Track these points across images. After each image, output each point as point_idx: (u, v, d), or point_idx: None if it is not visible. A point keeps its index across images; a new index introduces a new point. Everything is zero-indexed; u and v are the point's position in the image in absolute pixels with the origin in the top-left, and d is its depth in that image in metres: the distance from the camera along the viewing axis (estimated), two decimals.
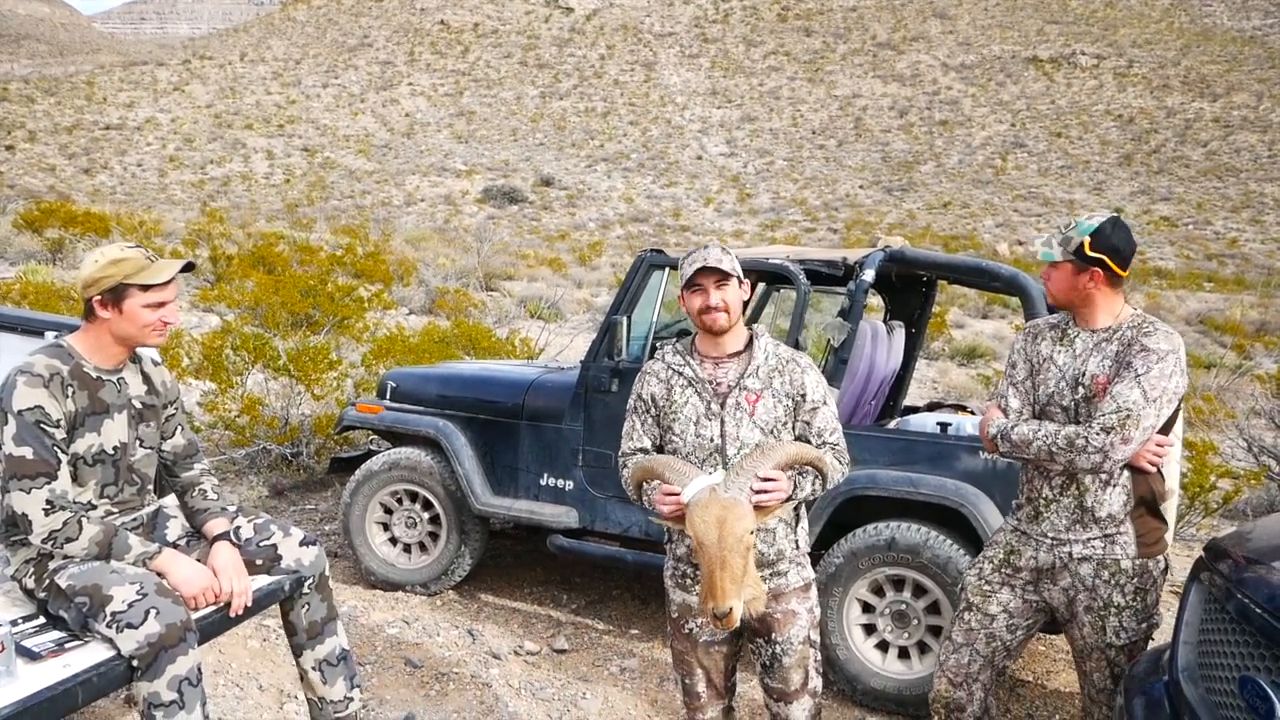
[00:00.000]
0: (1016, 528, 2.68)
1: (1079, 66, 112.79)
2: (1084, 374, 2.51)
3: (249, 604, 2.69)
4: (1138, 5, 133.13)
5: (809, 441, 2.45)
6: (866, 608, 3.82)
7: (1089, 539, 2.51)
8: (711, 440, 2.41)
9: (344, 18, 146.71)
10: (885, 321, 4.77)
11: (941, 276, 4.62)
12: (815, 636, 2.54)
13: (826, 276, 4.25)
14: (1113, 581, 2.50)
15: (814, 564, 3.85)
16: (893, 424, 4.59)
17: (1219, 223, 67.65)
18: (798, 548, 2.53)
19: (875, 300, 5.11)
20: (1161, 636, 2.59)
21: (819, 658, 2.56)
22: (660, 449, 2.52)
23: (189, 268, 2.66)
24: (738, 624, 2.14)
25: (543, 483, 4.44)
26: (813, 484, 2.38)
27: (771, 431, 2.43)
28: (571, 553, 4.34)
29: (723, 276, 2.43)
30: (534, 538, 5.00)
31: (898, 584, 3.75)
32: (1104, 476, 2.49)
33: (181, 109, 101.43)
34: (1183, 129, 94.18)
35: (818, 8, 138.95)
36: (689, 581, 2.50)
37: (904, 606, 3.74)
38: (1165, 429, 2.48)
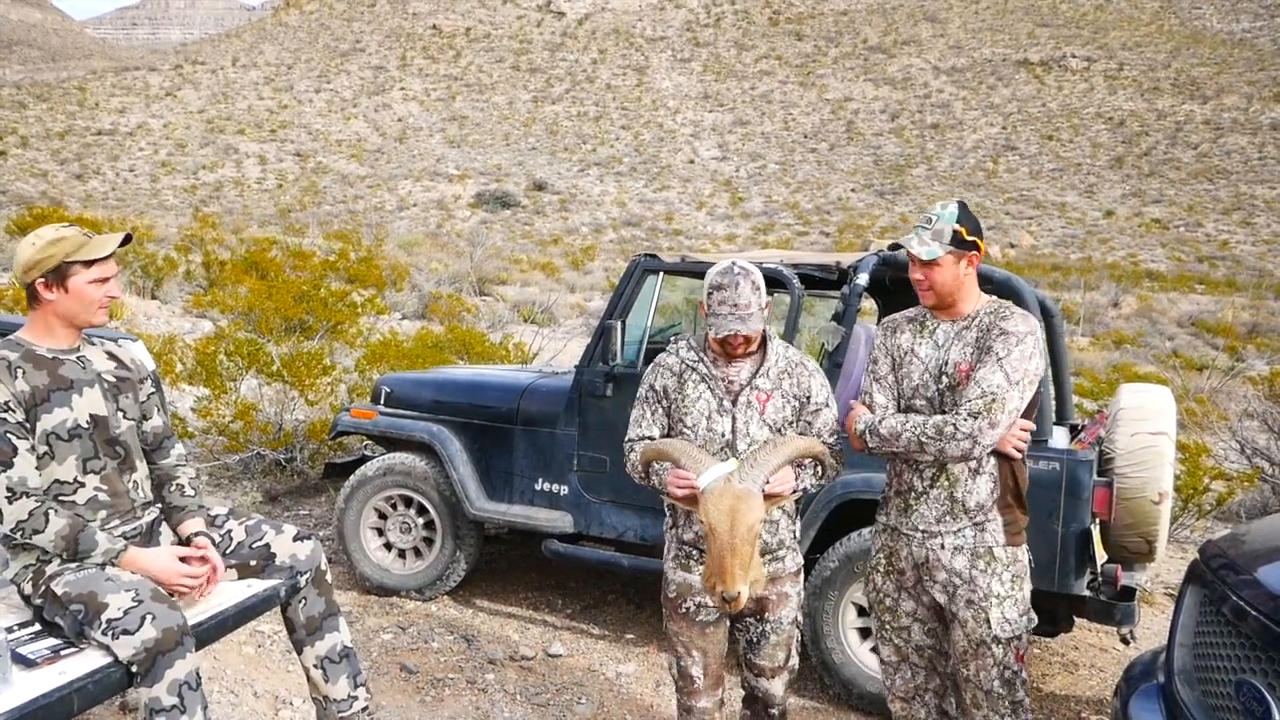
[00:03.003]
0: (886, 524, 2.66)
1: (1069, 69, 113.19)
2: (947, 363, 2.51)
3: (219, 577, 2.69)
4: (1127, 8, 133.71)
5: None
6: (862, 611, 3.81)
7: (959, 529, 2.50)
8: (723, 435, 2.52)
9: (336, 23, 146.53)
10: (879, 325, 4.78)
11: None
12: (801, 618, 2.70)
13: (820, 280, 4.26)
14: (989, 570, 2.48)
15: (809, 568, 3.87)
16: None
17: (1210, 225, 67.94)
18: (794, 535, 2.68)
19: (869, 304, 5.12)
20: (1157, 639, 2.60)
21: (799, 638, 2.71)
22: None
23: (127, 240, 2.66)
24: (743, 607, 2.27)
25: (537, 487, 4.43)
26: (814, 476, 2.53)
27: (779, 430, 2.54)
28: (566, 558, 4.33)
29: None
30: (529, 543, 4.99)
31: None
32: (972, 465, 2.48)
33: (174, 114, 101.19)
34: (1173, 131, 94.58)
35: (809, 11, 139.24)
36: (691, 562, 2.60)
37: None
38: (1027, 413, 2.49)
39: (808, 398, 2.58)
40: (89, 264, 2.52)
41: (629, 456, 2.62)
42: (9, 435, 2.41)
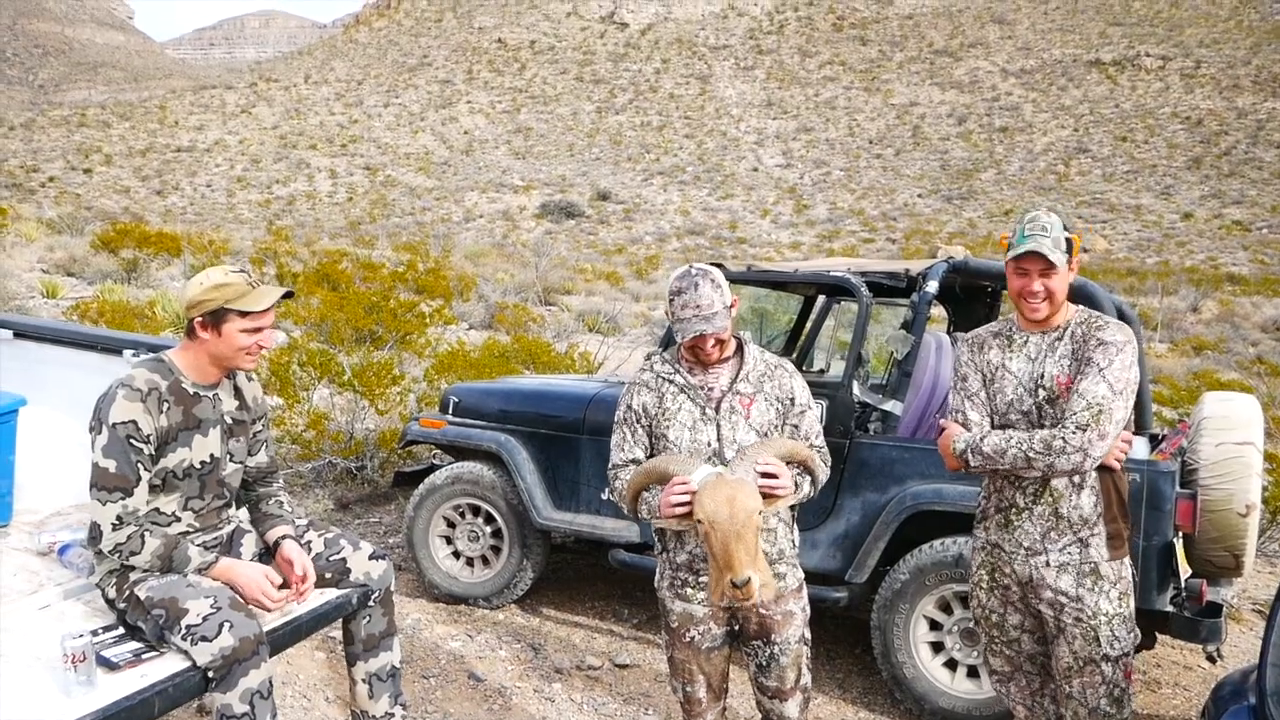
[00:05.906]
0: (987, 541, 2.63)
1: (1144, 68, 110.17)
2: (1043, 376, 2.48)
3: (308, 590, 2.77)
4: (1204, 4, 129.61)
5: None
6: (934, 625, 3.74)
7: (1064, 545, 2.49)
8: (709, 444, 2.47)
9: (404, 38, 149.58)
10: (949, 333, 4.69)
11: (1005, 287, 4.53)
12: (808, 634, 2.60)
13: (889, 288, 4.20)
14: (1097, 588, 2.47)
15: (879, 580, 3.80)
16: None
17: None
18: (794, 545, 2.60)
19: (938, 312, 5.03)
20: (1245, 657, 2.50)
21: (810, 655, 2.62)
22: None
23: (289, 295, 2.71)
24: (755, 597, 2.14)
25: (604, 497, 4.42)
26: (809, 485, 2.45)
27: (765, 434, 2.49)
28: (633, 568, 4.33)
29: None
30: (595, 552, 5.00)
31: (966, 601, 3.67)
32: (1076, 480, 2.46)
33: (249, 131, 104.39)
34: (1254, 130, 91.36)
35: (873, 16, 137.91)
36: (688, 590, 2.54)
37: (973, 624, 3.66)
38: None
39: (791, 399, 2.52)
40: (245, 314, 2.58)
41: (614, 485, 2.52)
42: (139, 465, 2.51)
